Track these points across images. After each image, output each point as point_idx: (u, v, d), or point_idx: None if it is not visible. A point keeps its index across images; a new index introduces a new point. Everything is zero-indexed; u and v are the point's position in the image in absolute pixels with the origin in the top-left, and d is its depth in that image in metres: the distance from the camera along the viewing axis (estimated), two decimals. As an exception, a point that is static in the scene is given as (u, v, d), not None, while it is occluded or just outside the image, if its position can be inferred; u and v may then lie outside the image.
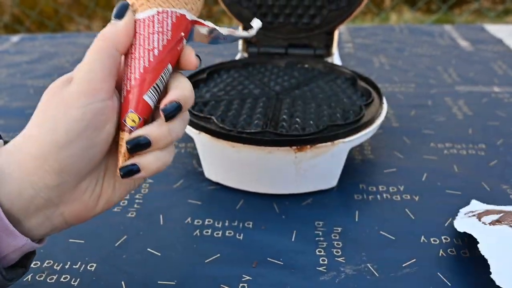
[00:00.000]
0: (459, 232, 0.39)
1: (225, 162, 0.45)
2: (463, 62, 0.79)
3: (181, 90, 0.28)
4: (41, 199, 0.26)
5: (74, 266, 0.36)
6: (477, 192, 0.45)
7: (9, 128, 0.59)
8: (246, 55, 0.65)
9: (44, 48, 0.92)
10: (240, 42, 0.65)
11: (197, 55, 0.29)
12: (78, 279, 0.35)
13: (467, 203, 0.43)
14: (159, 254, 0.37)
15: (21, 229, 0.26)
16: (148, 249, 0.38)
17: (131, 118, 0.27)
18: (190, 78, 0.55)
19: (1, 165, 0.26)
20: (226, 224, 0.41)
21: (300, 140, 0.42)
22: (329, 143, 0.42)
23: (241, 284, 0.34)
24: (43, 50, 0.90)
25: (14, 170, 0.26)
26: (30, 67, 0.81)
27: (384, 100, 0.49)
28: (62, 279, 0.35)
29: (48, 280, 0.35)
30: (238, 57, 0.65)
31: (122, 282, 0.34)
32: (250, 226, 0.41)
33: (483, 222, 0.35)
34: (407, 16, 2.26)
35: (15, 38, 0.99)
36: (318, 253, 0.37)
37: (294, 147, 0.41)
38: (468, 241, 0.38)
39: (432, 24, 1.01)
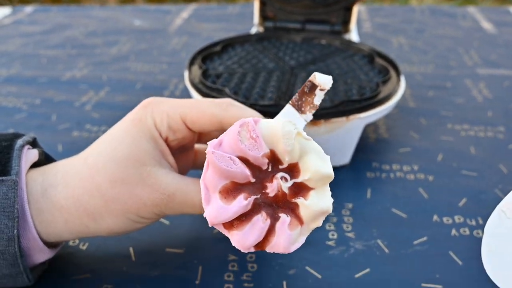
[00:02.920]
0: (473, 213, 0.38)
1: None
2: (485, 44, 0.77)
3: None
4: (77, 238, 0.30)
5: (82, 231, 0.36)
6: (494, 174, 0.43)
7: (21, 95, 0.59)
8: (261, 29, 0.64)
9: (57, 19, 0.91)
10: (256, 16, 0.64)
11: None
12: (87, 244, 0.35)
13: (483, 184, 0.42)
14: (168, 223, 0.37)
15: (51, 244, 0.30)
16: (157, 217, 0.38)
17: None
18: (204, 50, 0.54)
19: (49, 209, 0.28)
20: (236, 196, 0.41)
21: (314, 114, 0.41)
22: (343, 118, 0.41)
23: (249, 255, 0.34)
24: (57, 22, 0.90)
25: (59, 222, 0.28)
26: (44, 38, 0.81)
27: (402, 78, 0.48)
28: (71, 243, 0.35)
29: (56, 243, 0.35)
30: (253, 31, 0.64)
31: (130, 248, 0.34)
32: (260, 199, 0.40)
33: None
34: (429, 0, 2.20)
35: (29, 8, 0.99)
36: (328, 227, 0.37)
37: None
38: (483, 222, 0.37)
39: (454, 5, 0.98)
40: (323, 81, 0.26)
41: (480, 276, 0.32)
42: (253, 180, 0.22)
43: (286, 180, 0.23)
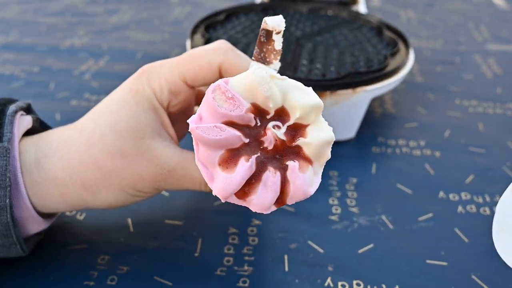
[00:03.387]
0: (480, 190, 0.37)
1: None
2: (496, 20, 0.74)
3: None
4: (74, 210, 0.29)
5: (80, 201, 0.35)
6: (502, 151, 0.42)
7: (19, 62, 0.57)
8: (266, -1, 0.62)
9: (58, -14, 0.89)
10: (261, -15, 0.61)
11: None
12: (84, 214, 0.34)
13: (491, 162, 0.41)
14: (167, 194, 0.36)
15: (46, 215, 0.29)
16: (156, 189, 0.37)
17: None
18: (207, 19, 0.53)
19: (44, 181, 0.26)
20: (237, 169, 0.40)
21: (320, 85, 0.39)
22: (350, 91, 0.40)
23: (250, 228, 0.33)
24: (57, -12, 0.87)
25: (54, 194, 0.27)
26: (43, 5, 0.79)
27: (411, 51, 0.46)
28: (68, 213, 0.34)
29: (53, 213, 0.34)
30: (258, 0, 0.62)
31: (129, 219, 0.34)
32: (262, 172, 0.39)
33: None
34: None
35: (29, -25, 0.96)
36: (331, 202, 0.36)
37: (312, 93, 0.39)
38: (490, 200, 0.36)
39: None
40: (275, 23, 0.24)
41: (486, 254, 0.31)
42: (246, 140, 0.21)
43: (278, 127, 0.21)
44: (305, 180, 0.21)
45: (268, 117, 0.21)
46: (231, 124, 0.21)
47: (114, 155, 0.26)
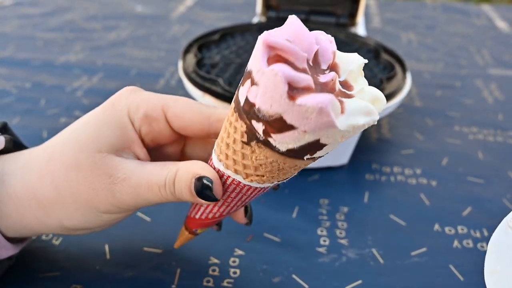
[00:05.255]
0: (478, 223, 0.35)
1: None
2: (499, 44, 0.73)
3: None
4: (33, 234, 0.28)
5: (58, 224, 0.34)
6: (502, 182, 0.40)
7: (12, 78, 0.57)
8: (263, 19, 0.61)
9: (59, 1, 0.89)
10: (259, 5, 0.61)
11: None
12: (60, 239, 0.33)
13: (490, 193, 0.39)
14: (149, 220, 0.35)
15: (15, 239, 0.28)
16: (138, 214, 0.35)
17: None
18: (201, 38, 0.52)
19: (4, 200, 0.25)
20: (224, 194, 0.38)
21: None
22: (342, 116, 0.38)
23: (232, 259, 0.31)
24: (58, 4, 0.88)
25: (13, 215, 0.26)
26: (42, 20, 0.78)
27: (408, 75, 0.45)
28: (44, 237, 0.33)
29: (28, 237, 0.33)
30: (255, 21, 0.61)
31: (106, 245, 0.32)
32: (250, 198, 0.38)
33: None
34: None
35: (31, -10, 0.96)
36: (320, 232, 0.34)
37: (304, 117, 0.38)
38: (488, 234, 0.34)
39: (468, 2, 0.94)
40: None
41: (482, 294, 0.29)
42: (311, 59, 0.20)
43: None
44: (331, 100, 0.18)
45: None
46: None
47: (69, 167, 0.24)
